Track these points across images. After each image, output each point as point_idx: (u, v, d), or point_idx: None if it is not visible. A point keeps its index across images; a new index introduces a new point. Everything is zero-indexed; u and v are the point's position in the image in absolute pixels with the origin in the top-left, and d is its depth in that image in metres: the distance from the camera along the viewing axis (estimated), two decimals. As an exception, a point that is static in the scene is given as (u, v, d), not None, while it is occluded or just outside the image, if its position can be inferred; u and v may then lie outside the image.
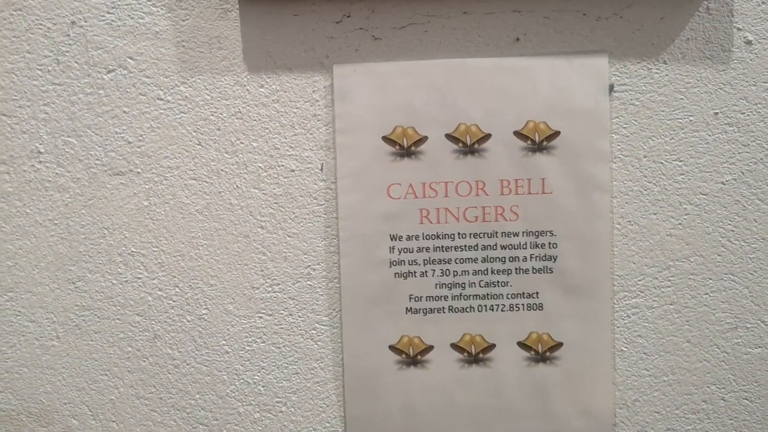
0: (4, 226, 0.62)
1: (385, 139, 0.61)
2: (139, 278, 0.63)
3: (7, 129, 0.62)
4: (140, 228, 0.62)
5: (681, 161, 0.60)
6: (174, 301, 0.63)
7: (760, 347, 0.62)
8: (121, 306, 0.63)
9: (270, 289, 0.63)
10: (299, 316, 0.63)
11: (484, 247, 0.61)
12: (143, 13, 0.61)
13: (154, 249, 0.62)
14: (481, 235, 0.61)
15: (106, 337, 0.63)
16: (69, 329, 0.63)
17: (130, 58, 0.61)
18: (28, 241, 0.62)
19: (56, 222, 0.62)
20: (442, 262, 0.61)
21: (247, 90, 0.61)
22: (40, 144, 0.62)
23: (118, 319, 0.63)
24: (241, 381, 0.63)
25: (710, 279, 0.61)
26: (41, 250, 0.63)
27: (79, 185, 0.62)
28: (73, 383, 0.64)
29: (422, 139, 0.61)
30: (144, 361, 0.63)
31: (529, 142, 0.60)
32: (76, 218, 0.62)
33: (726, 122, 0.60)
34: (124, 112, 0.61)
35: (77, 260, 0.63)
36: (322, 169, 0.61)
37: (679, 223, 0.61)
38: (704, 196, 0.61)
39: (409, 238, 0.61)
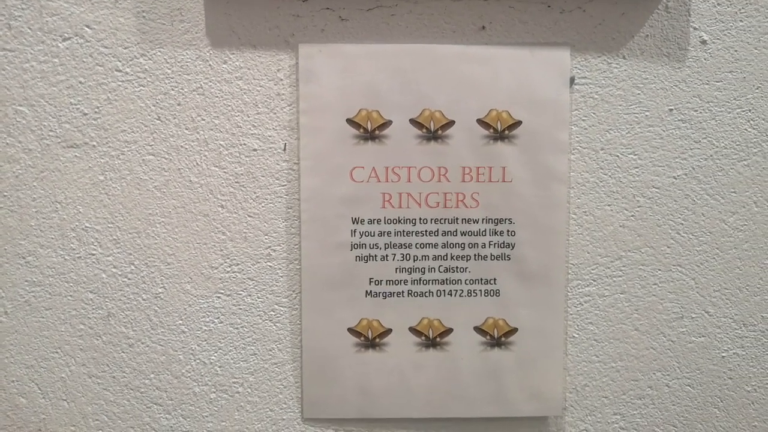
0: (-51, 197, 0.59)
1: (350, 121, 0.59)
2: (93, 255, 0.60)
3: (-46, 95, 0.58)
4: (95, 203, 0.59)
5: (636, 155, 0.61)
6: (129, 279, 0.60)
7: (703, 336, 0.63)
8: (74, 283, 0.60)
9: (229, 269, 0.60)
10: (258, 297, 0.61)
11: (445, 233, 0.61)
12: (102, -20, 0.58)
13: (109, 225, 0.59)
14: (442, 221, 0.60)
15: (57, 314, 0.60)
16: (18, 305, 0.60)
17: (87, 26, 0.58)
18: (-26, 214, 0.59)
19: (5, 194, 0.58)
20: (403, 246, 0.60)
21: (210, 65, 0.59)
22: (-10, 112, 0.58)
23: (71, 296, 0.60)
24: (198, 361, 0.61)
25: (659, 270, 0.62)
26: (-11, 223, 0.59)
27: (30, 157, 0.58)
28: (21, 361, 0.60)
29: (386, 123, 0.59)
30: (97, 339, 0.60)
31: (491, 130, 0.60)
32: (27, 191, 0.58)
33: (680, 119, 0.61)
34: (80, 82, 0.58)
35: (28, 234, 0.59)
36: (285, 150, 0.60)
37: (632, 215, 0.62)
38: (656, 190, 0.62)
39: (370, 221, 0.60)
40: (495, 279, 0.61)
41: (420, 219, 0.60)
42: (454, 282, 0.61)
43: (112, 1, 0.57)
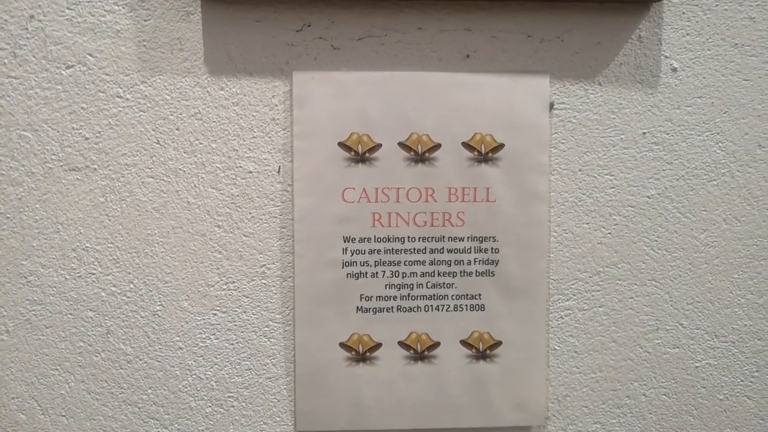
0: (-47, 218, 0.60)
1: (341, 145, 0.62)
2: (93, 274, 0.61)
3: (-41, 121, 0.59)
4: (95, 224, 0.61)
5: (612, 175, 0.64)
6: (128, 297, 0.62)
7: (677, 347, 0.66)
8: (74, 301, 0.61)
9: (225, 286, 0.62)
10: (253, 314, 0.63)
11: (432, 251, 0.63)
12: (104, 11, 0.59)
13: (109, 245, 0.61)
14: (429, 239, 0.63)
15: (57, 332, 0.61)
16: (19, 323, 0.61)
17: (90, 55, 0.60)
18: (-22, 235, 0.61)
19: (8, 216, 0.60)
20: (392, 263, 0.63)
21: (208, 92, 0.61)
22: (-6, 137, 0.60)
23: (71, 314, 0.61)
24: (194, 376, 0.63)
25: (635, 284, 0.65)
26: (-8, 243, 0.61)
27: (33, 179, 0.60)
28: (21, 378, 0.61)
29: (376, 147, 0.62)
30: (96, 356, 0.62)
31: (475, 153, 0.62)
32: (29, 213, 0.60)
33: (653, 141, 0.64)
34: (82, 108, 0.60)
35: (30, 255, 0.61)
36: (279, 172, 0.62)
37: (609, 233, 0.65)
38: (632, 208, 0.65)
39: (361, 240, 0.62)
40: (480, 294, 0.63)
41: (408, 237, 0.62)
42: (441, 297, 0.63)
43: (113, 31, 0.59)
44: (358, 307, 0.62)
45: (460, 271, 0.63)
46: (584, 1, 0.61)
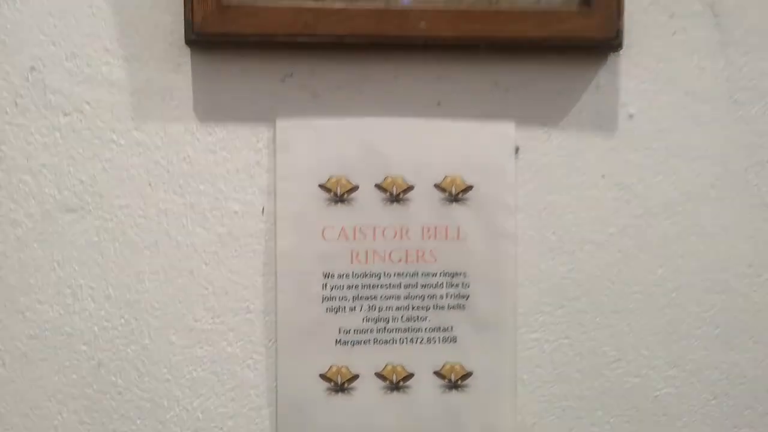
0: (-45, 257, 0.64)
1: (321, 186, 0.66)
2: (86, 309, 0.64)
3: (-38, 165, 0.63)
4: (89, 262, 0.64)
5: (574, 214, 0.68)
6: (119, 332, 0.65)
7: (638, 377, 0.69)
8: (68, 335, 0.64)
9: (211, 321, 0.66)
10: (237, 347, 0.66)
11: (406, 286, 0.67)
12: (101, 63, 0.64)
13: (102, 282, 0.64)
14: (404, 275, 0.67)
15: (51, 365, 0.64)
16: (16, 357, 0.64)
17: (87, 103, 0.64)
18: (-22, 273, 0.64)
19: (7, 255, 0.64)
20: (370, 298, 0.66)
21: (196, 138, 0.65)
22: (-5, 180, 0.64)
23: (65, 347, 0.64)
24: (181, 407, 0.66)
25: (598, 317, 0.69)
26: (-9, 281, 0.64)
27: (32, 221, 0.64)
28: (16, 409, 0.64)
29: (354, 188, 0.66)
30: (88, 388, 0.65)
31: (446, 194, 0.67)
32: (28, 252, 0.64)
33: (612, 182, 0.68)
34: (79, 153, 0.64)
35: (27, 291, 0.64)
36: (263, 212, 0.66)
37: (572, 268, 0.68)
38: (593, 245, 0.68)
39: (340, 276, 0.66)
40: (452, 327, 0.67)
41: (384, 273, 0.66)
42: (415, 330, 0.67)
43: (109, 82, 0.64)
44: (336, 340, 0.66)
45: (433, 305, 0.67)
46: (546, 52, 0.66)
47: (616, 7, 0.64)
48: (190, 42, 0.62)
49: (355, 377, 0.66)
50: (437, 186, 0.66)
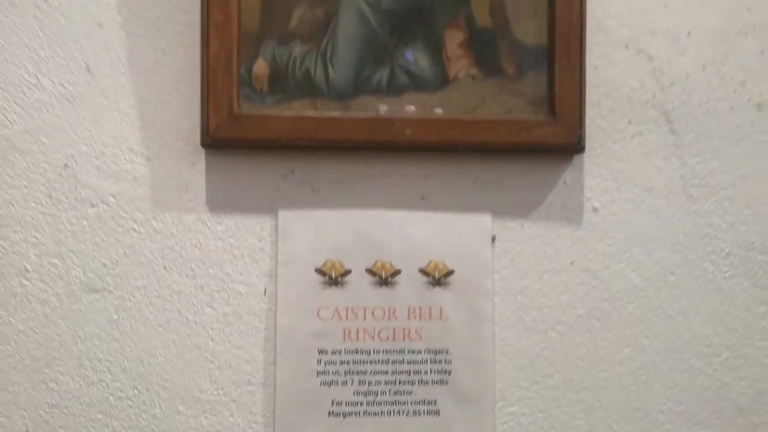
0: (-12, 332, 0.71)
1: (317, 270, 0.73)
2: (104, 381, 0.71)
3: (0, 250, 0.71)
4: (108, 338, 0.71)
5: (546, 297, 0.75)
6: (132, 402, 0.71)
7: (606, 449, 0.76)
8: (87, 405, 0.70)
9: (216, 392, 0.72)
10: (239, 417, 0.72)
11: (394, 362, 0.73)
12: (126, 161, 0.73)
13: (118, 356, 0.71)
14: (392, 352, 0.73)
15: (70, 432, 0.71)
16: (38, 424, 0.70)
17: (112, 196, 0.72)
18: (9, 346, 0.70)
19: (36, 330, 0.71)
20: (360, 373, 0.73)
21: (207, 226, 0.73)
22: (28, 264, 0.71)
23: (83, 416, 0.70)
24: (185, 472, 0.72)
25: (570, 393, 0.75)
26: (20, 354, 0.70)
27: (58, 299, 0.71)
28: (36, 473, 0.71)
29: (347, 272, 0.74)
30: (102, 454, 0.71)
31: (430, 278, 0.74)
32: (53, 327, 0.71)
33: (580, 269, 0.76)
34: (103, 240, 0.72)
35: (51, 364, 0.71)
36: (265, 294, 0.73)
37: (546, 347, 0.75)
38: (564, 326, 0.75)
39: (333, 352, 0.73)
40: (435, 401, 0.73)
41: (374, 350, 0.73)
42: (402, 403, 0.73)
43: (132, 177, 0.72)
44: (330, 412, 0.72)
45: (418, 380, 0.73)
46: (518, 154, 0.74)
47: (577, 117, 0.72)
48: (205, 145, 0.71)
49: (345, 447, 0.72)
50: (422, 270, 0.74)
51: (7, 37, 0.71)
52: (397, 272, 0.73)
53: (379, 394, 0.72)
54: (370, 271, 0.73)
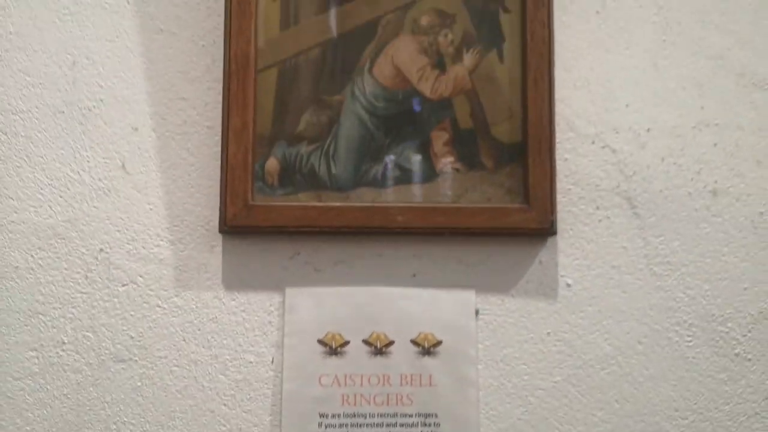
0: (27, 398, 0.79)
1: (319, 341, 0.82)
2: (127, 442, 0.80)
3: (41, 324, 0.81)
4: (132, 403, 0.80)
5: (525, 365, 0.83)
6: (152, 462, 0.80)
7: (581, 507, 0.82)
8: (112, 464, 0.80)
9: (227, 453, 0.80)
10: (247, 476, 0.80)
11: (388, 425, 0.81)
12: (153, 245, 0.83)
13: (141, 419, 0.79)
14: (386, 416, 0.81)
15: (96, 490, 0.79)
16: (69, 482, 0.79)
17: (140, 276, 0.82)
18: (45, 411, 0.79)
19: (69, 396, 0.80)
20: (357, 435, 0.81)
21: (223, 302, 0.83)
22: (65, 336, 0.81)
23: (109, 474, 0.79)
24: None
25: (548, 453, 0.83)
26: (55, 418, 0.79)
27: (90, 368, 0.80)
28: None
29: (346, 342, 0.82)
30: None
31: (421, 347, 0.82)
32: (84, 394, 0.80)
33: (556, 339, 0.84)
34: (131, 315, 0.82)
35: (81, 427, 0.79)
36: (272, 362, 0.82)
37: (526, 411, 0.82)
38: (542, 391, 0.83)
39: (333, 416, 0.81)
40: (425, 461, 0.80)
41: (370, 414, 0.81)
42: (395, 463, 0.80)
43: (158, 259, 0.83)
44: (329, 471, 0.79)
45: (410, 442, 0.81)
46: (498, 237, 0.84)
47: (549, 204, 0.82)
48: (222, 231, 0.81)
49: (344, 504, 0.79)
50: (413, 341, 0.82)
51: (55, 140, 0.83)
52: (390, 343, 0.82)
53: (374, 455, 0.80)
54: (367, 342, 0.82)
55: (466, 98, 0.84)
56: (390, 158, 0.83)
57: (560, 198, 0.84)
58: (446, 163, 0.84)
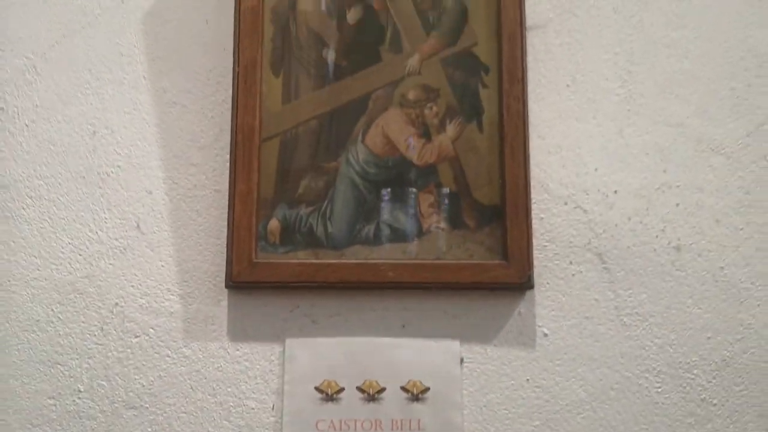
0: (45, 443, 0.86)
1: (316, 388, 0.88)
2: (137, 485, 0.86)
3: (59, 374, 0.87)
4: (143, 447, 0.87)
5: (507, 410, 0.89)
6: (160, 503, 0.85)
7: None
8: (123, 506, 0.85)
9: (230, 495, 0.86)
10: None
11: (380, 467, 0.87)
12: (164, 299, 0.90)
13: (150, 463, 0.86)
14: (378, 458, 0.88)
15: None
16: None
17: (152, 328, 0.89)
18: (61, 455, 0.86)
19: (84, 441, 0.86)
20: (351, 477, 0.87)
21: (228, 353, 0.89)
22: (81, 385, 0.87)
23: None
24: None
25: (528, 493, 0.88)
26: (70, 462, 0.86)
27: (104, 415, 0.86)
28: None
29: (341, 389, 0.89)
30: None
31: (410, 394, 0.89)
32: (98, 439, 0.87)
33: (534, 385, 0.90)
34: (143, 364, 0.88)
35: (94, 470, 0.86)
36: (273, 409, 0.88)
37: (508, 454, 0.89)
38: (523, 435, 0.90)
39: (329, 459, 0.87)
40: (415, 501, 0.86)
41: (363, 457, 0.87)
42: (386, 504, 0.86)
43: (169, 312, 0.90)
44: None
45: (400, 483, 0.86)
46: (480, 290, 0.91)
47: (527, 261, 0.90)
48: (228, 286, 0.88)
49: None
50: (403, 388, 0.89)
51: (75, 203, 0.91)
52: (382, 389, 0.89)
53: (367, 495, 0.86)
54: (360, 389, 0.88)
55: (449, 164, 0.93)
56: (381, 219, 0.91)
57: (537, 254, 0.92)
58: (432, 223, 0.92)
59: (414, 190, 0.92)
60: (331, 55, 0.93)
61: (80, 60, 0.94)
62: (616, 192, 0.96)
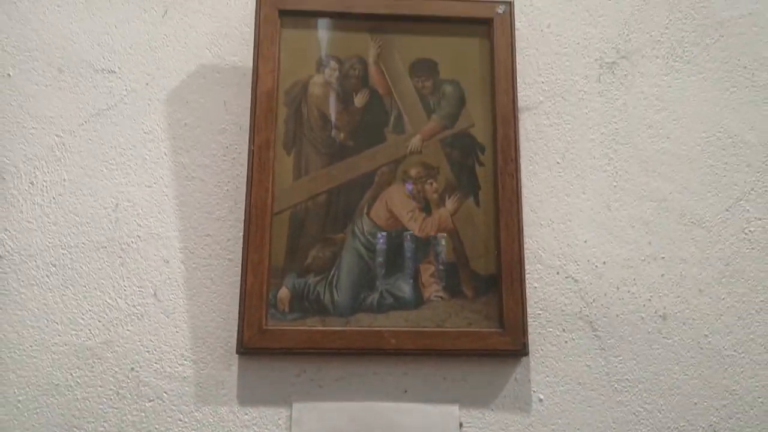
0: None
1: (322, 451, 0.92)
2: None
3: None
4: None
5: (504, 474, 0.94)
6: None
7: None
8: None
9: None
10: None
11: None
12: (177, 364, 0.94)
13: None
14: None
15: None
16: None
17: (165, 393, 0.93)
18: None
19: (97, 504, 0.89)
20: None
21: (237, 416, 0.93)
22: (96, 448, 0.91)
23: None
24: None
25: None
26: None
27: (117, 478, 0.90)
28: None
29: (345, 453, 0.93)
30: None
31: (412, 457, 0.93)
32: (111, 502, 0.89)
33: (531, 450, 0.95)
34: (156, 428, 0.92)
35: None
36: (279, 471, 0.92)
37: None
38: (520, 499, 0.93)
39: None
40: None
41: None
42: None
43: (182, 377, 0.94)
44: None
45: None
46: (478, 356, 0.96)
47: (521, 328, 0.95)
48: (239, 352, 0.93)
49: None
50: (405, 451, 0.92)
51: (96, 271, 0.96)
52: (385, 453, 0.92)
53: None
54: (364, 452, 0.92)
55: (448, 236, 0.99)
56: (384, 288, 0.96)
57: (531, 322, 0.97)
58: (433, 292, 0.97)
59: (415, 260, 0.98)
60: (339, 136, 1.01)
61: (106, 138, 1.01)
62: (604, 263, 1.02)
